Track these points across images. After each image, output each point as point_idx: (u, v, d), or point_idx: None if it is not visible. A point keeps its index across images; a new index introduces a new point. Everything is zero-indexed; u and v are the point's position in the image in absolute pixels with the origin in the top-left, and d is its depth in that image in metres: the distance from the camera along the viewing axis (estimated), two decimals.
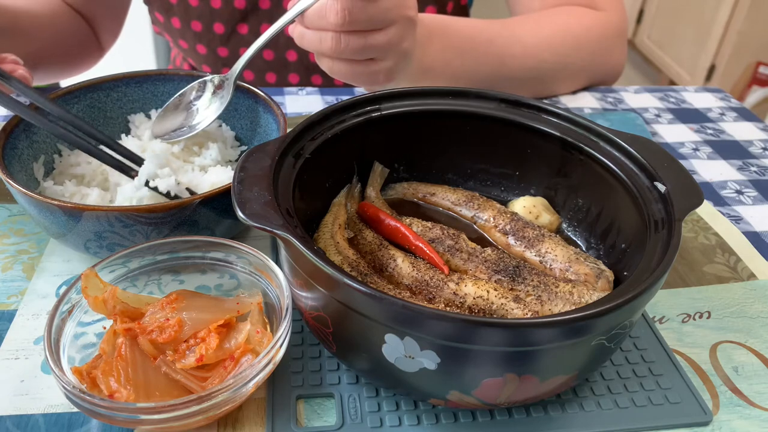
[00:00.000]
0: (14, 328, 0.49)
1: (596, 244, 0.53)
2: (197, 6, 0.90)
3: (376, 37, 0.61)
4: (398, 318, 0.36)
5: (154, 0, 0.95)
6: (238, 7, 0.89)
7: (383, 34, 0.61)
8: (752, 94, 2.49)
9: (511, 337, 0.36)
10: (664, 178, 0.47)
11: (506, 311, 0.44)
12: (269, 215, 0.40)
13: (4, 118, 0.76)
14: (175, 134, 0.61)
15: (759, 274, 0.58)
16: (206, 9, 0.90)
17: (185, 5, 0.91)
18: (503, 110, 0.55)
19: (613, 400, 0.45)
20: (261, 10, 0.90)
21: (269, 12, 0.90)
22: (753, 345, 0.51)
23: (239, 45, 0.92)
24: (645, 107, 0.87)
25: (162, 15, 0.96)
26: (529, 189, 0.58)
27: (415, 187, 0.58)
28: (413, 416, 0.44)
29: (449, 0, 0.95)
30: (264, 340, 0.44)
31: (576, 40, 0.84)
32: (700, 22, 2.61)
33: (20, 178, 0.54)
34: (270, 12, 0.90)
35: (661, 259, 0.41)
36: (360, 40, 0.60)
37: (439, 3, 0.94)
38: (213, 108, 0.62)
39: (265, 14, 0.91)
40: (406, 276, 0.47)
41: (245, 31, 0.92)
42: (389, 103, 0.55)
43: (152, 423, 0.38)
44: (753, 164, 0.76)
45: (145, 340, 0.43)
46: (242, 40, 0.93)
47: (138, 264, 0.47)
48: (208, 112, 0.62)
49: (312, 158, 0.49)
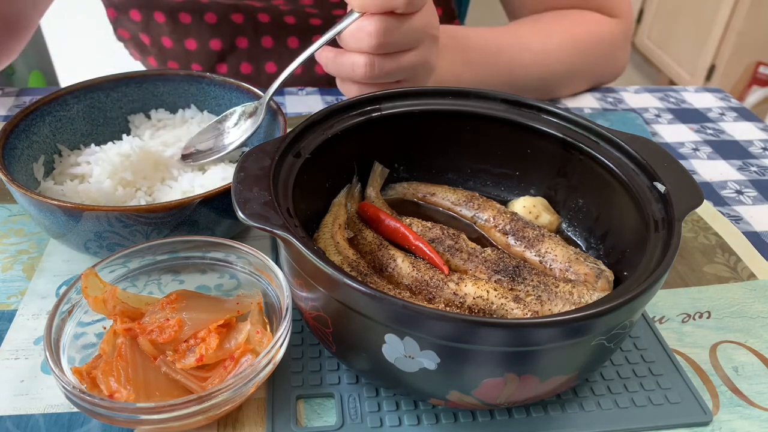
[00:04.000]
0: (14, 328, 0.49)
1: (596, 244, 0.53)
2: (172, 47, 0.89)
3: (407, 58, 0.61)
4: (398, 318, 0.36)
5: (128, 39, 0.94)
6: (214, 48, 0.88)
7: (413, 54, 0.61)
8: (752, 94, 2.49)
9: (511, 337, 0.36)
10: (664, 178, 0.47)
11: (506, 311, 0.44)
12: (269, 215, 0.40)
13: (4, 118, 0.76)
14: (203, 156, 0.60)
15: (759, 274, 0.58)
16: (181, 50, 0.89)
17: (159, 46, 0.90)
18: (503, 110, 0.55)
19: (613, 400, 0.45)
20: (239, 50, 0.89)
21: (247, 51, 0.89)
22: (753, 345, 0.51)
23: None
24: (645, 107, 0.87)
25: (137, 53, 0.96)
26: (529, 189, 0.58)
27: (415, 187, 0.58)
28: (413, 416, 0.44)
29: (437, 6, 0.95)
30: (264, 340, 0.44)
31: (583, 50, 0.84)
32: (700, 22, 2.61)
33: (20, 178, 0.54)
34: (248, 51, 0.89)
35: (661, 259, 0.41)
36: (393, 62, 0.60)
37: None
38: (243, 129, 0.61)
39: (244, 53, 0.90)
40: (406, 276, 0.47)
41: (224, 70, 0.91)
42: (389, 103, 0.55)
43: (152, 423, 0.38)
44: (753, 164, 0.76)
45: (145, 340, 0.43)
46: None
47: (138, 264, 0.47)
48: (239, 133, 0.61)
49: (312, 158, 0.49)
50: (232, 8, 0.85)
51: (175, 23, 0.87)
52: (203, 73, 0.65)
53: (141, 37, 0.91)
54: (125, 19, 0.90)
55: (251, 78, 0.92)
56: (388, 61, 0.60)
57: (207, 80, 0.65)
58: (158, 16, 0.87)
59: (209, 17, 0.86)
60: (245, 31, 0.88)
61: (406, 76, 0.63)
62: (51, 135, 0.60)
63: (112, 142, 0.61)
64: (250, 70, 0.92)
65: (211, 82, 0.65)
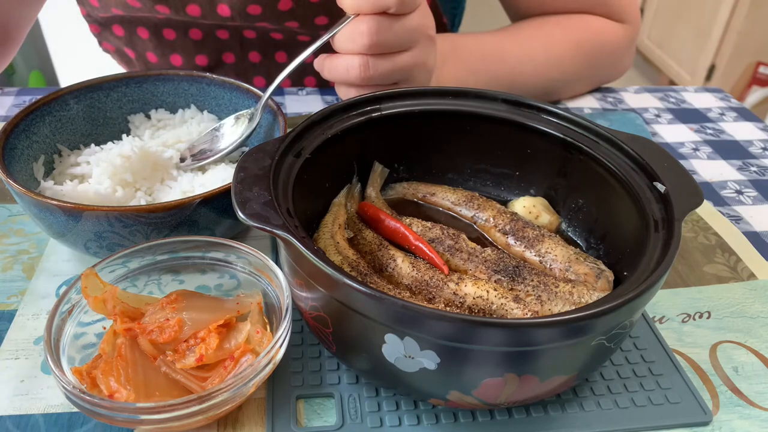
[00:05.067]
0: (14, 328, 0.49)
1: (596, 244, 0.53)
2: (157, 62, 0.88)
3: (403, 58, 0.61)
4: (398, 318, 0.36)
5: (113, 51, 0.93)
6: (200, 63, 0.88)
7: (409, 55, 0.61)
8: (752, 94, 2.49)
9: (511, 337, 0.36)
10: (663, 178, 0.47)
11: (506, 311, 0.44)
12: (269, 215, 0.40)
13: (4, 118, 0.76)
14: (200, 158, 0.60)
15: (759, 274, 0.58)
16: (166, 65, 0.88)
17: (144, 60, 0.89)
18: (503, 110, 0.55)
19: (613, 400, 0.45)
20: (226, 65, 0.89)
21: (234, 66, 0.89)
22: (753, 345, 0.51)
23: None
24: (645, 107, 0.87)
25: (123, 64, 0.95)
26: (529, 189, 0.58)
27: (415, 187, 0.58)
28: (413, 416, 0.44)
29: None
30: (264, 340, 0.44)
31: (588, 57, 0.83)
32: (700, 22, 2.61)
33: (20, 178, 0.54)
34: (235, 66, 0.89)
35: (661, 259, 0.41)
36: (387, 63, 0.60)
37: None
38: (239, 131, 0.61)
39: (231, 68, 0.89)
40: (406, 276, 0.47)
41: None
42: (389, 103, 0.55)
43: (152, 423, 0.38)
44: (753, 164, 0.76)
45: (145, 340, 0.43)
46: None
47: (138, 264, 0.47)
48: (234, 136, 0.61)
49: (312, 158, 0.49)
50: (216, 26, 0.84)
51: (158, 39, 0.86)
52: (203, 73, 0.65)
53: (125, 51, 0.91)
54: (108, 34, 0.89)
55: None
56: (383, 62, 0.60)
57: (207, 80, 0.65)
58: (141, 32, 0.86)
59: (194, 33, 0.85)
60: (231, 46, 0.87)
61: (402, 77, 0.62)
62: (51, 135, 0.60)
63: (112, 142, 0.61)
64: None
65: (211, 82, 0.65)
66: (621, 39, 0.85)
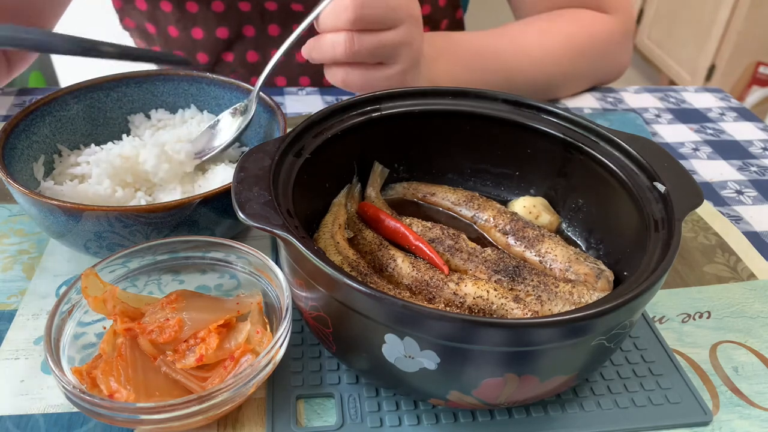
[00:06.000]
0: (14, 328, 0.49)
1: (596, 244, 0.53)
2: (178, 37, 0.89)
3: (388, 35, 0.62)
4: (398, 318, 0.36)
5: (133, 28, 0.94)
6: (221, 36, 0.88)
7: (394, 32, 0.62)
8: (752, 94, 2.49)
9: (511, 337, 0.36)
10: (663, 178, 0.47)
11: (506, 311, 0.44)
12: (269, 215, 0.40)
13: (4, 118, 0.76)
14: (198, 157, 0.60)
15: (759, 274, 0.58)
16: (188, 40, 0.89)
17: (165, 36, 0.90)
18: (503, 110, 0.55)
19: (613, 400, 0.45)
20: (246, 38, 0.89)
21: (254, 39, 0.89)
22: (753, 345, 0.51)
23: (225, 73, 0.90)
24: (645, 107, 0.87)
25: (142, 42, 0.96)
26: (529, 189, 0.58)
27: (415, 187, 0.58)
28: (413, 416, 0.44)
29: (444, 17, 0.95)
30: (264, 340, 0.44)
31: (582, 49, 0.83)
32: (700, 22, 2.61)
33: (20, 178, 0.54)
34: (255, 39, 0.89)
35: (661, 259, 0.41)
36: (373, 38, 0.61)
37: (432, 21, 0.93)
38: (235, 127, 0.61)
39: (251, 42, 0.89)
40: (406, 276, 0.47)
41: (231, 59, 0.91)
42: (389, 103, 0.55)
43: (152, 423, 0.38)
44: (753, 164, 0.76)
45: (145, 340, 0.43)
46: (227, 68, 0.91)
47: (138, 264, 0.47)
48: (230, 131, 0.61)
49: (312, 158, 0.49)
50: None
51: (181, 12, 0.87)
52: (203, 73, 0.65)
53: (147, 26, 0.91)
54: (131, 8, 0.90)
55: (257, 66, 0.91)
56: (368, 37, 0.61)
57: (207, 80, 0.65)
58: (165, 6, 0.87)
59: (216, 6, 0.86)
60: (252, 19, 0.88)
61: (388, 55, 0.63)
62: (51, 135, 0.60)
63: (112, 142, 0.61)
64: (256, 58, 0.91)
65: (211, 82, 0.65)
66: (613, 30, 0.86)
